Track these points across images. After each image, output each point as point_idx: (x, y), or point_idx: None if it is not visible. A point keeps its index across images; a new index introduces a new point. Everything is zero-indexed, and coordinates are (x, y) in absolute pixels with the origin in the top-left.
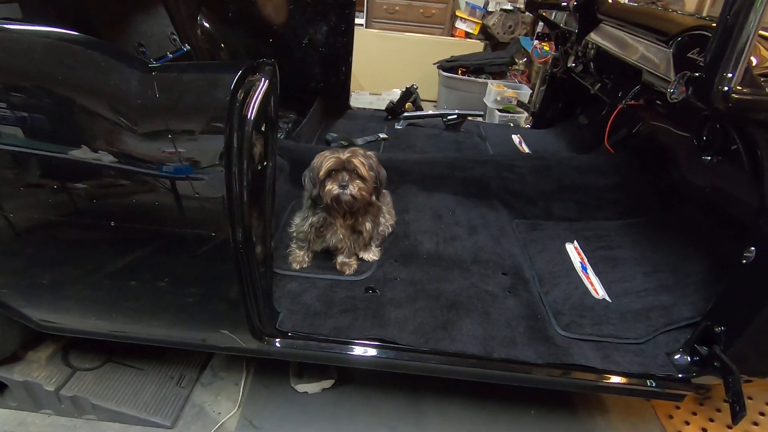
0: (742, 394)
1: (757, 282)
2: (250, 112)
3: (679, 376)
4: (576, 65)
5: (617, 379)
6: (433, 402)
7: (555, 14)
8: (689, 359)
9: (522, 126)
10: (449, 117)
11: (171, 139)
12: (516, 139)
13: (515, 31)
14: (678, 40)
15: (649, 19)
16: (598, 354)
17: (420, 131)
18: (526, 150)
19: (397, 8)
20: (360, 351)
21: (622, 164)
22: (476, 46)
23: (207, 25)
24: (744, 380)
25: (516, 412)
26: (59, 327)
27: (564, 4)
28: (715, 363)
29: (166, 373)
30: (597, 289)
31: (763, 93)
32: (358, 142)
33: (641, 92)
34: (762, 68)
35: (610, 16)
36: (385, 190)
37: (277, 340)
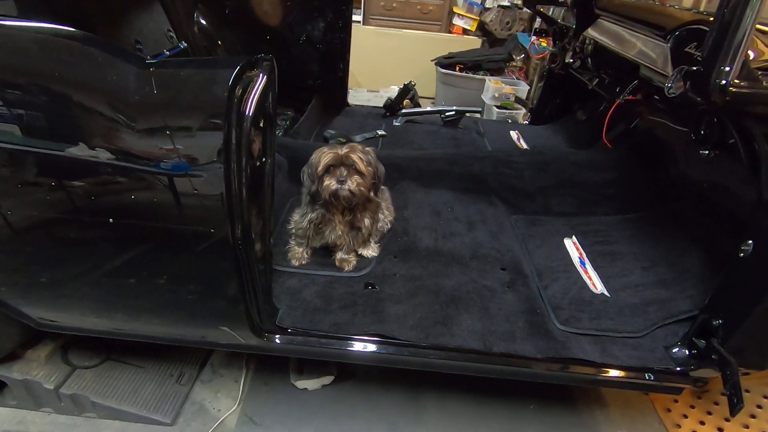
0: (739, 386)
1: (754, 275)
2: (249, 108)
3: (677, 369)
4: (574, 61)
5: (616, 373)
6: (433, 397)
7: (552, 10)
8: (687, 352)
9: (520, 122)
10: (447, 113)
11: (169, 135)
12: (514, 135)
13: (513, 28)
14: (675, 35)
15: (647, 14)
16: (597, 348)
17: (418, 128)
18: (524, 146)
19: (395, 5)
20: (360, 347)
21: (620, 159)
22: (474, 42)
23: (204, 22)
24: (742, 373)
25: (515, 407)
26: (58, 325)
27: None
28: (712, 356)
29: (165, 371)
30: (595, 283)
31: (761, 86)
32: (356, 138)
33: (639, 87)
34: (759, 62)
35: (608, 11)
36: (384, 186)
37: (276, 336)
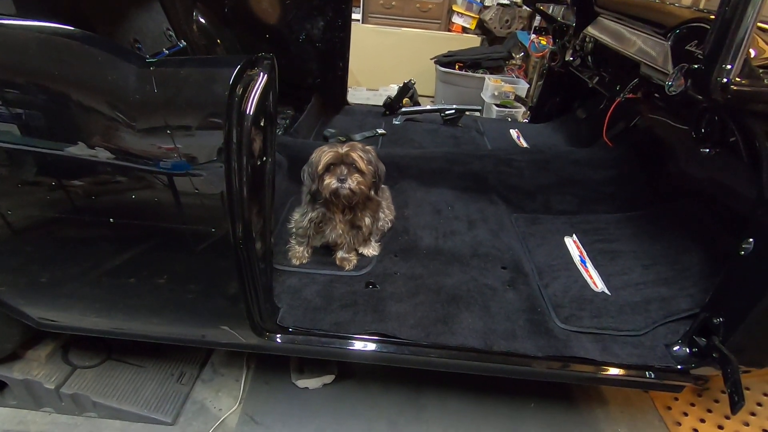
0: (740, 384)
1: (755, 273)
2: (249, 107)
3: (677, 367)
4: (574, 59)
5: (616, 371)
6: (434, 396)
7: (552, 8)
8: (688, 350)
9: (520, 120)
10: (447, 112)
11: (169, 134)
12: (514, 133)
13: (512, 26)
14: (676, 33)
15: (647, 12)
16: (598, 346)
17: (418, 126)
18: (524, 144)
19: (394, 3)
20: (360, 346)
21: (620, 158)
22: (473, 40)
23: (203, 20)
24: (742, 371)
25: (516, 405)
26: (59, 325)
27: None
28: (713, 354)
29: (166, 370)
30: (596, 282)
31: (762, 84)
32: (356, 137)
33: (639, 85)
34: (760, 60)
35: (608, 9)
36: (384, 185)
37: (277, 335)
